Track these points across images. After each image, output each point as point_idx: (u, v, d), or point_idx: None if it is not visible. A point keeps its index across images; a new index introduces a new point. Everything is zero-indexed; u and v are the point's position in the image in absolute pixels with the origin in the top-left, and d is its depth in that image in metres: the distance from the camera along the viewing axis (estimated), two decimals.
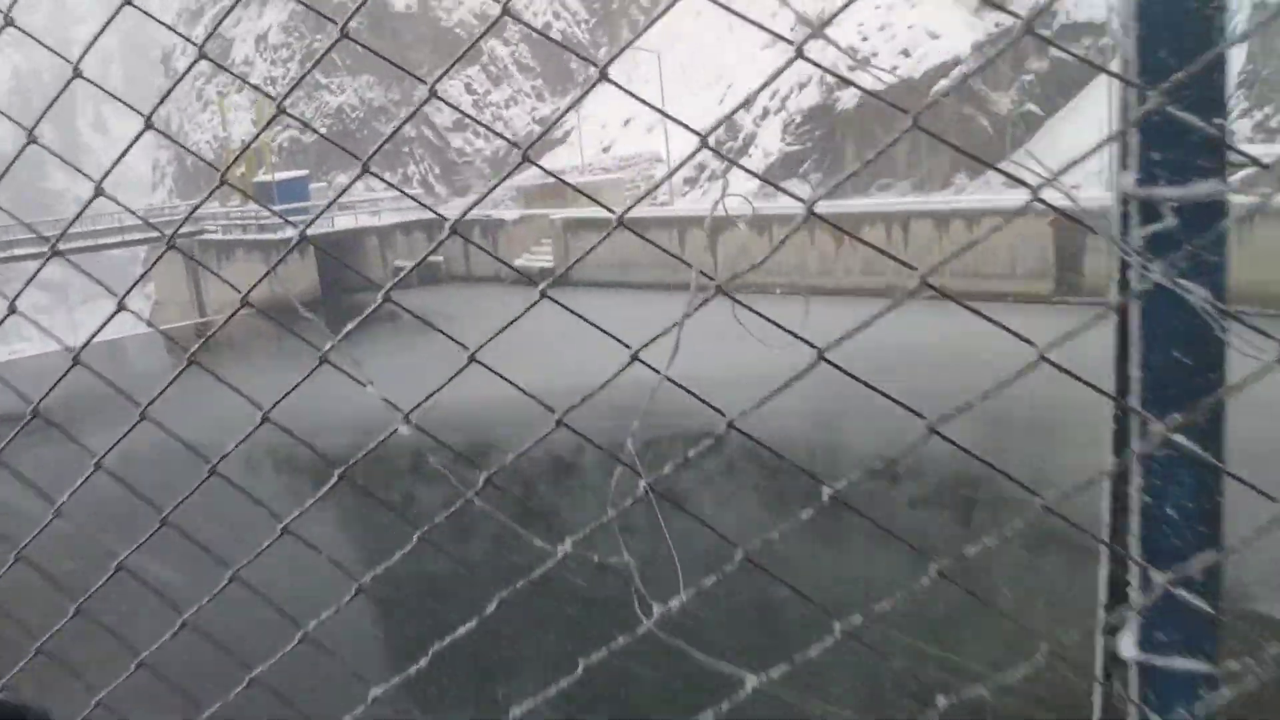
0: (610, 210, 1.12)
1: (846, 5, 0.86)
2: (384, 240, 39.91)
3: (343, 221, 40.47)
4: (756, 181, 42.88)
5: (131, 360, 31.16)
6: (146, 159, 72.13)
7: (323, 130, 58.44)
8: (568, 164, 50.89)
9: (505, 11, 0.99)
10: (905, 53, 38.19)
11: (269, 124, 1.33)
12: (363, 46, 1.19)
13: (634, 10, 57.83)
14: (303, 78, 1.44)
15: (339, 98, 58.89)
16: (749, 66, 47.23)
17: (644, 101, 1.21)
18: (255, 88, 1.76)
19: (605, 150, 51.39)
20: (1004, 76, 36.93)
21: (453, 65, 1.23)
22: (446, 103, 1.34)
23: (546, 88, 57.23)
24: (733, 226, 26.86)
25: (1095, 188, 29.31)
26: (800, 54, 0.89)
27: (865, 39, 39.68)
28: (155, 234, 28.85)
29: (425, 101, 1.25)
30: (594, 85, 1.02)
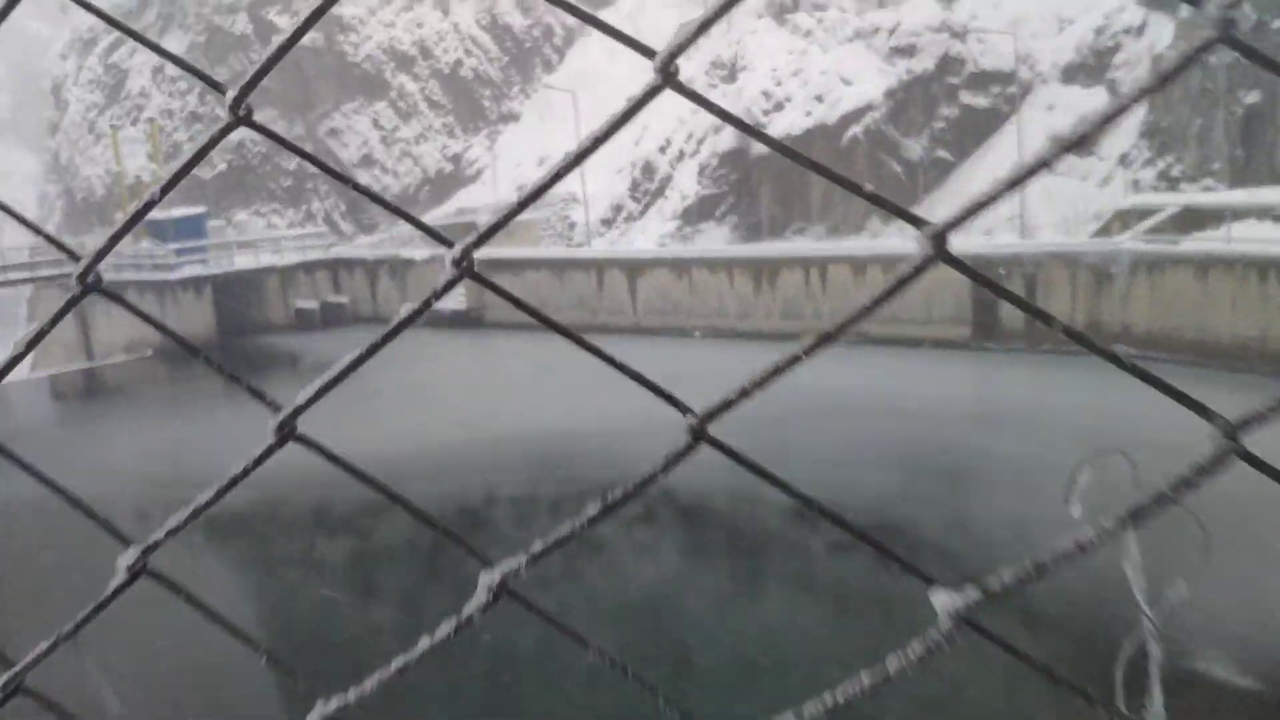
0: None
1: (702, 32, 0.60)
2: (286, 280, 38.38)
3: (243, 260, 38.83)
4: (674, 223, 42.83)
5: (14, 407, 29.11)
6: (32, 192, 68.75)
7: (222, 166, 56.52)
8: (481, 202, 50.08)
9: None
10: (819, 98, 38.67)
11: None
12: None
13: (547, 49, 57.66)
14: None
15: (239, 132, 56.91)
16: (665, 107, 47.32)
17: (710, 106, 0.65)
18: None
19: (519, 189, 50.58)
20: (916, 123, 37.64)
21: None
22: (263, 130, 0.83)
23: (458, 124, 56.44)
24: (651, 269, 26.62)
25: (1007, 234, 29.87)
26: (669, 83, 0.78)
27: (779, 83, 40.10)
28: (46, 273, 26.99)
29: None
30: (656, 91, 0.76)
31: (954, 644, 0.64)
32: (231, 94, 0.90)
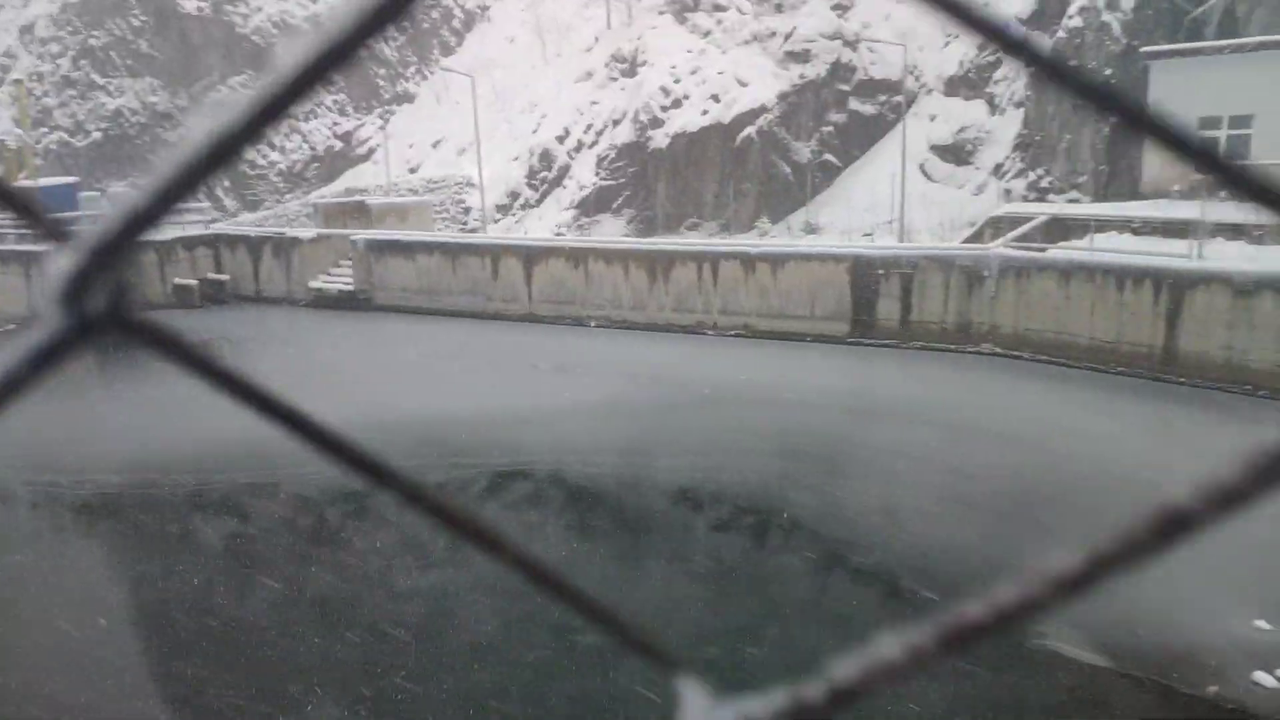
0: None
1: None
2: (164, 255, 37.00)
3: None
4: (570, 213, 43.02)
5: None
6: None
7: (97, 134, 54.02)
8: (372, 183, 49.22)
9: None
10: (715, 97, 39.42)
11: None
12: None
13: (445, 31, 56.95)
14: None
15: (117, 100, 54.62)
16: (564, 97, 47.42)
17: None
18: None
19: (412, 171, 50.09)
20: (805, 128, 38.76)
21: None
22: None
23: (350, 103, 55.27)
24: (548, 257, 26.76)
25: (887, 237, 31.13)
26: None
27: (678, 80, 40.69)
28: None
29: None
30: None
31: None
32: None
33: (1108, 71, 30.24)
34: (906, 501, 14.44)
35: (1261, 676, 9.21)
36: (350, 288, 34.45)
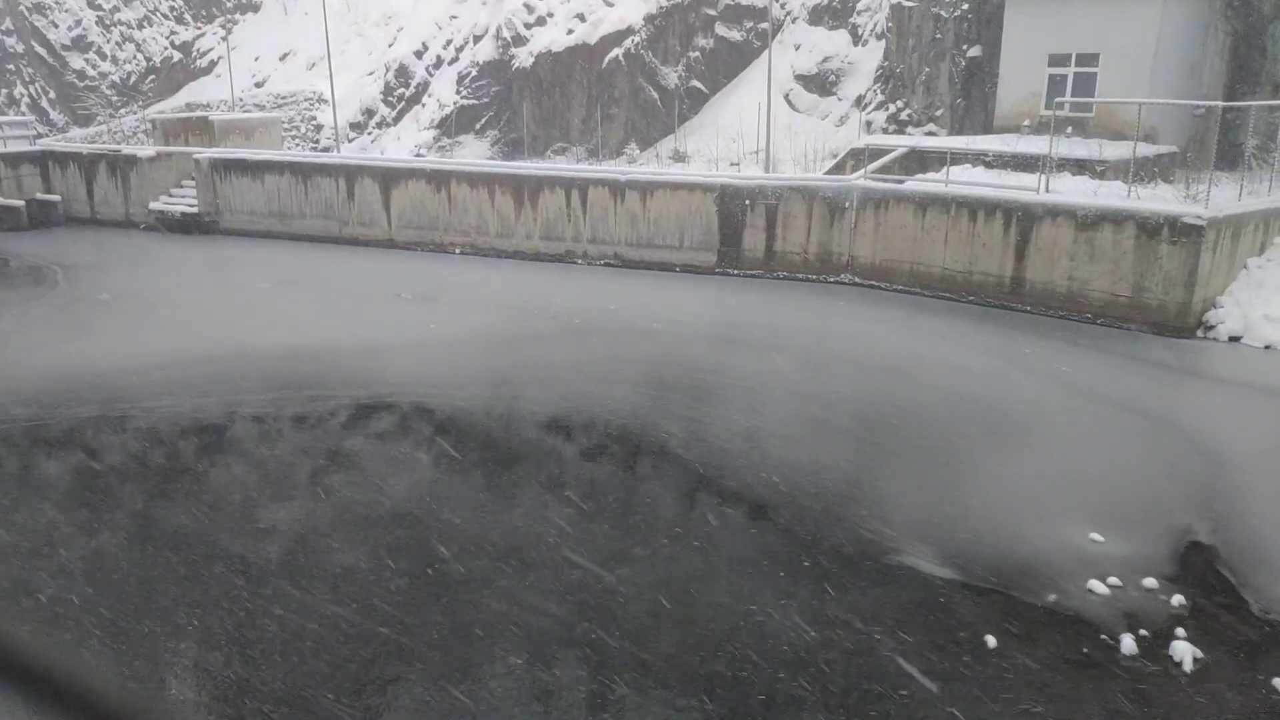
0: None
1: None
2: None
3: None
4: (430, 133, 41.58)
5: None
6: None
7: None
8: (215, 98, 46.23)
9: None
10: (581, 17, 38.49)
11: None
12: None
13: None
14: None
15: None
16: (422, 10, 45.39)
17: None
18: None
19: (258, 85, 47.24)
20: (673, 52, 38.37)
21: None
22: None
23: (188, 10, 51.46)
24: (407, 180, 26.04)
25: (753, 167, 31.36)
26: None
27: None
28: None
29: None
30: None
31: None
32: None
33: (964, 8, 30.97)
34: (768, 427, 14.78)
35: (1095, 585, 9.89)
36: (195, 210, 32.50)
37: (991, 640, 8.90)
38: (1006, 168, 24.10)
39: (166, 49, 50.26)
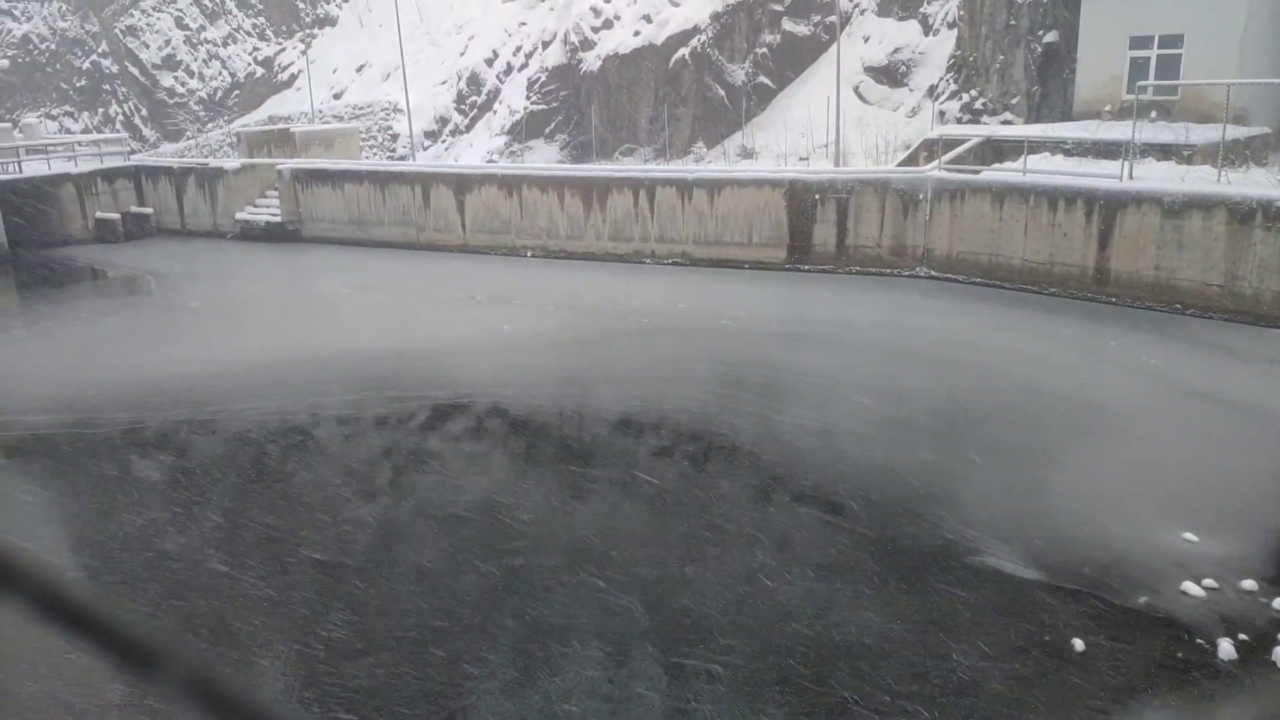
0: None
1: None
2: (83, 188, 35.40)
3: (33, 167, 35.47)
4: (502, 139, 42.07)
5: None
6: None
7: (4, 63, 51.16)
8: (295, 110, 47.51)
9: None
10: (647, 18, 38.56)
11: None
12: None
13: None
14: None
15: (24, 26, 51.63)
16: (491, 17, 45.99)
17: None
18: None
19: (336, 97, 48.41)
20: (739, 49, 38.19)
21: None
22: None
23: (270, 27, 52.99)
24: (480, 185, 26.34)
25: (823, 161, 31.02)
26: None
27: (608, 0, 39.68)
28: None
29: None
30: None
31: None
32: None
33: None
34: (843, 425, 14.61)
35: (1189, 586, 9.55)
36: (278, 219, 33.44)
37: (1079, 644, 8.66)
38: (1087, 155, 23.40)
39: (250, 65, 51.84)
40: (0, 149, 35.15)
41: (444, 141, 42.99)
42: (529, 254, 28.92)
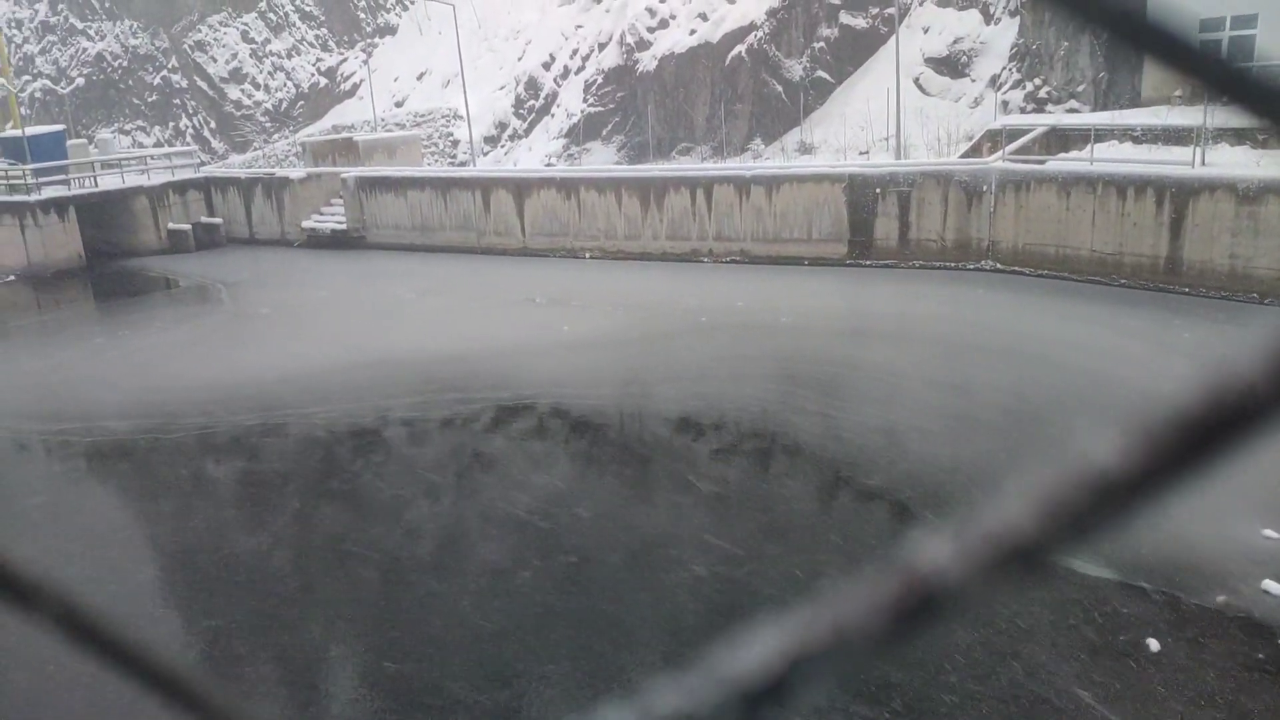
0: None
1: None
2: (155, 200, 36.54)
3: (108, 181, 36.72)
4: (560, 142, 42.37)
5: None
6: None
7: (80, 80, 53.02)
8: (358, 119, 48.40)
9: None
10: (703, 16, 38.49)
11: None
12: None
13: None
14: None
15: (98, 44, 53.45)
16: (548, 21, 46.32)
17: None
18: None
19: (398, 105, 49.21)
20: (796, 45, 37.90)
21: None
22: None
23: (332, 38, 54.08)
24: (539, 189, 26.48)
25: (883, 154, 30.65)
26: None
27: (664, 0, 39.69)
28: None
29: None
30: None
31: None
32: None
33: None
34: (907, 421, 14.43)
35: (1270, 585, 9.25)
36: (343, 226, 34.12)
37: (1154, 644, 8.44)
38: (1156, 142, 22.76)
39: (313, 75, 52.96)
40: (76, 164, 36.45)
41: (503, 146, 43.43)
42: (587, 255, 29.07)
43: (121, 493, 14.01)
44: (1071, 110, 29.78)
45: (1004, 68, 33.28)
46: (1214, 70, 0.38)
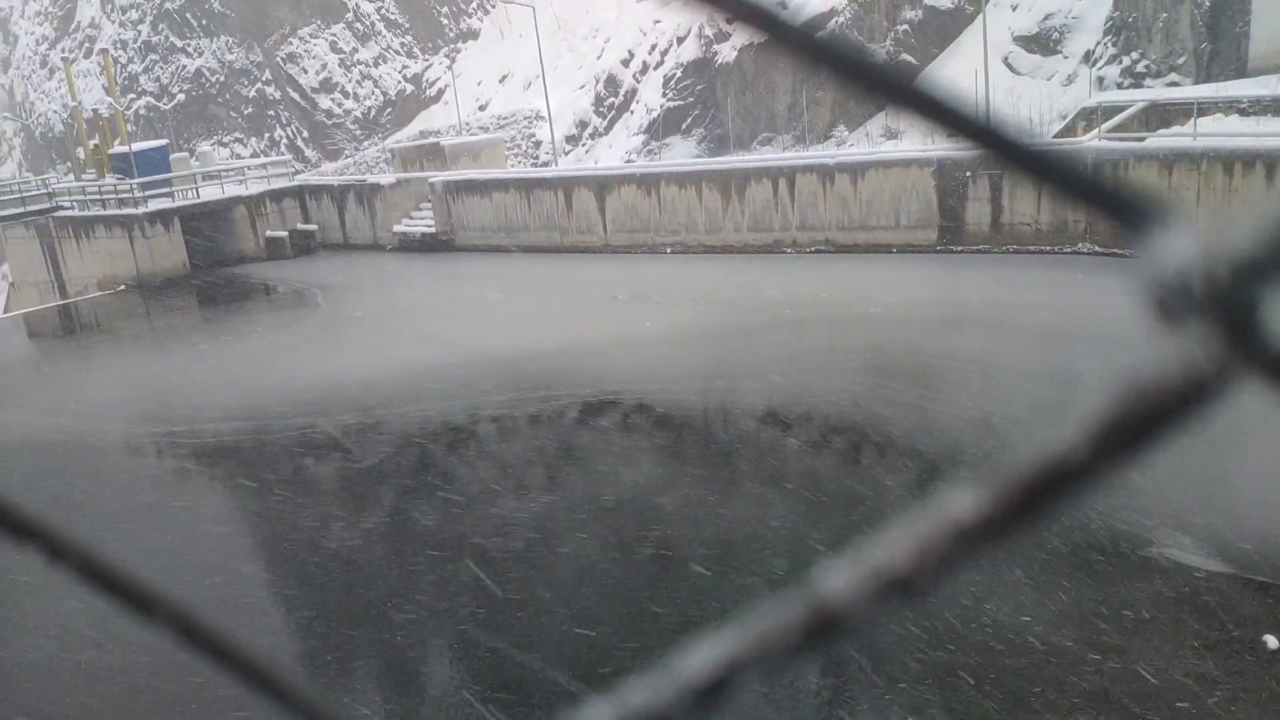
0: None
1: None
2: (253, 210, 37.88)
3: (208, 192, 38.22)
4: (639, 138, 42.46)
5: None
6: None
7: (180, 96, 55.20)
8: (444, 124, 49.31)
9: None
10: (783, 3, 37.95)
11: None
12: None
13: None
14: None
15: (196, 61, 55.61)
16: (626, 18, 46.45)
17: None
18: None
19: (482, 108, 49.99)
20: (879, 27, 37.23)
21: None
22: None
23: (417, 45, 55.21)
24: (620, 185, 26.47)
25: None
26: None
27: None
28: (9, 211, 26.78)
29: None
30: None
31: None
32: None
33: None
34: (1003, 412, 14.05)
35: None
36: (432, 230, 34.81)
37: (1272, 641, 8.05)
38: (1266, 114, 21.67)
39: (400, 82, 54.18)
40: (179, 177, 37.99)
41: (584, 145, 43.73)
42: (669, 251, 29.07)
43: (226, 492, 14.56)
44: (1172, 84, 28.55)
45: (1098, 42, 32.10)
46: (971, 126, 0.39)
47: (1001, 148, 0.37)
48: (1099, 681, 7.82)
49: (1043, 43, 34.42)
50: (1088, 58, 32.21)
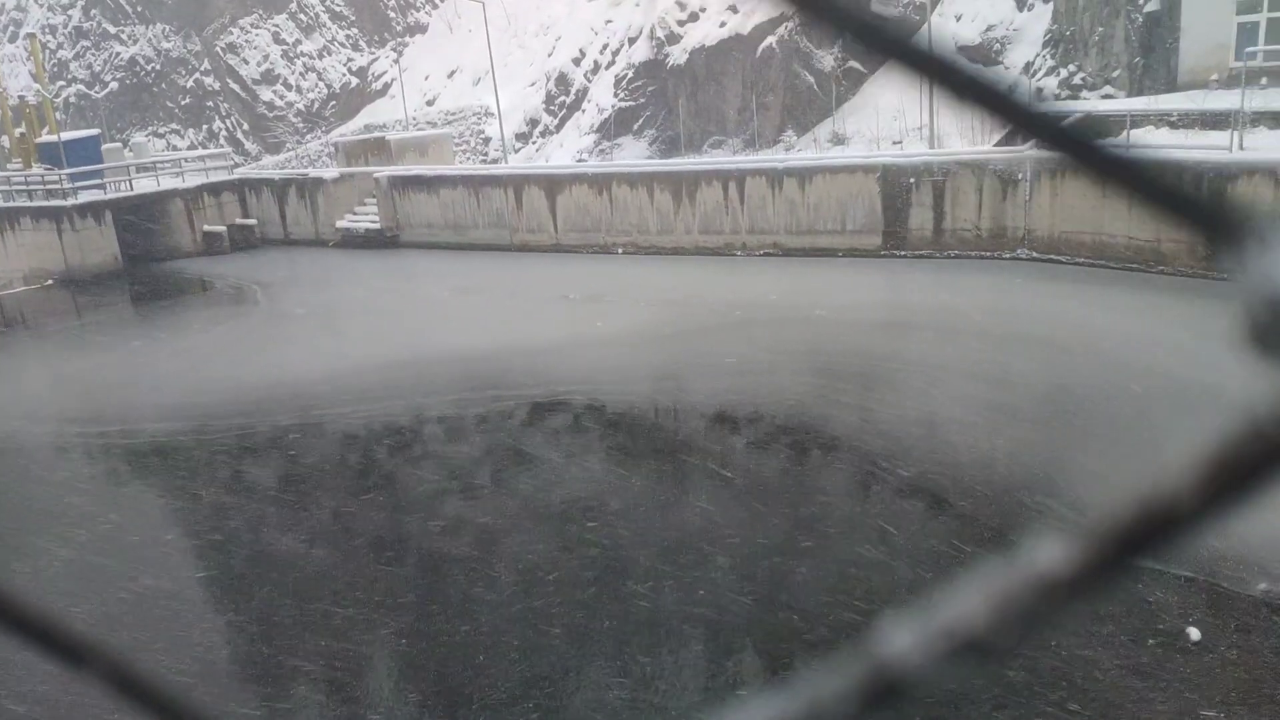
0: None
1: None
2: (190, 203, 37.02)
3: (143, 185, 37.23)
4: (591, 138, 42.40)
5: None
6: None
7: (114, 84, 53.81)
8: (390, 118, 48.73)
9: None
10: (733, 8, 38.37)
11: None
12: None
13: None
14: None
15: (131, 48, 54.23)
16: (578, 16, 46.38)
17: None
18: None
19: (429, 104, 49.51)
20: (828, 34, 37.66)
21: None
22: None
23: (363, 37, 54.49)
24: (571, 185, 26.44)
25: (917, 144, 30.43)
26: None
27: None
28: None
29: None
30: None
31: None
32: None
33: None
34: (945, 413, 14.36)
35: None
36: (376, 226, 34.40)
37: (1194, 633, 8.37)
38: (1194, 127, 22.42)
39: (345, 75, 53.41)
40: (112, 168, 36.99)
41: (534, 143, 43.56)
42: (620, 251, 29.13)
43: (160, 492, 14.27)
44: (1107, 96, 29.39)
45: (1038, 54, 32.90)
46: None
47: (1091, 157, 0.35)
48: (1032, 673, 8.05)
49: (984, 53, 35.17)
50: (1027, 69, 33.00)
